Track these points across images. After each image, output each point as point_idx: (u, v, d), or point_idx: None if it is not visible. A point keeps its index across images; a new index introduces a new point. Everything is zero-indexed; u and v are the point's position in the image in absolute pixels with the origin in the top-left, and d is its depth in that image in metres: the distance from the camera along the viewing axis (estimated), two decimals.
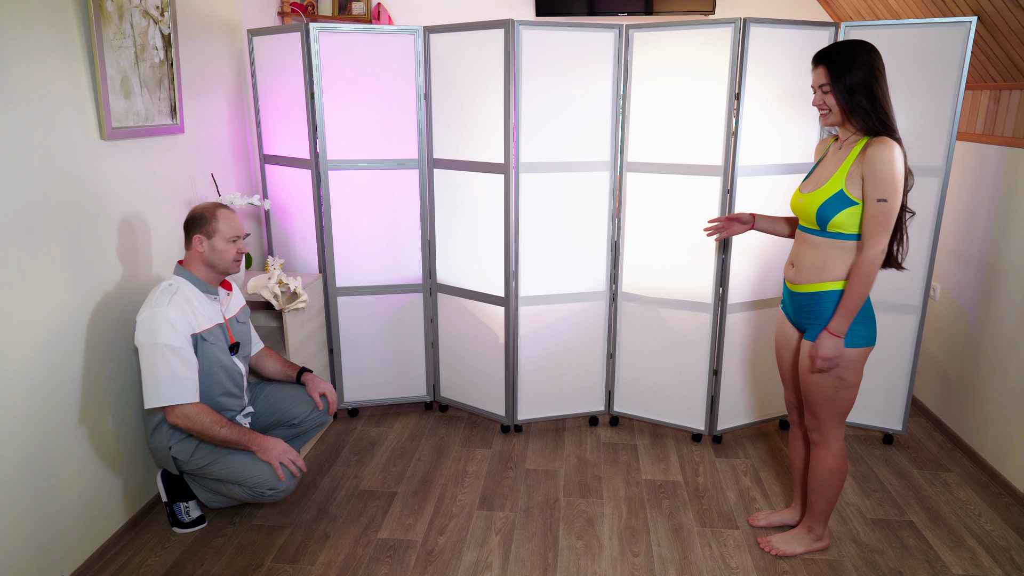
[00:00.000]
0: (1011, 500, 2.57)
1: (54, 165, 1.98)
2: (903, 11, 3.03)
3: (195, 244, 2.16)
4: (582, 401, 3.12)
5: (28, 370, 1.91)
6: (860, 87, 1.84)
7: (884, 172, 1.80)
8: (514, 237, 2.82)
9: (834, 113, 1.91)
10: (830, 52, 1.87)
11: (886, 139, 1.82)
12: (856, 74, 1.84)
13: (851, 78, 1.84)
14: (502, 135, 2.71)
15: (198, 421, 2.10)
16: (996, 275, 2.77)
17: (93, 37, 2.09)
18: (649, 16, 3.72)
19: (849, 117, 1.89)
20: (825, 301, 1.95)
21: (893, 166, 1.80)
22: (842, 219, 1.88)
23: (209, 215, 2.16)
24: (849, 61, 1.84)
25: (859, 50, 1.85)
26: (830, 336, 1.91)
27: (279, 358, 2.56)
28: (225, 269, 2.21)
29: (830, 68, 1.87)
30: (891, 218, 1.83)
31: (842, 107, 1.88)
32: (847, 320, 1.90)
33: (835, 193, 1.88)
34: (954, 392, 3.04)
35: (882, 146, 1.81)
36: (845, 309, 1.89)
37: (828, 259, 1.94)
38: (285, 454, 2.20)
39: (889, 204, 1.81)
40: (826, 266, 1.94)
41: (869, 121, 1.86)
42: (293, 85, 2.87)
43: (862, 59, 1.84)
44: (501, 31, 2.62)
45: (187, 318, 2.10)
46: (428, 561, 2.22)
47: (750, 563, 2.22)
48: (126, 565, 2.18)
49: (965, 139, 3.01)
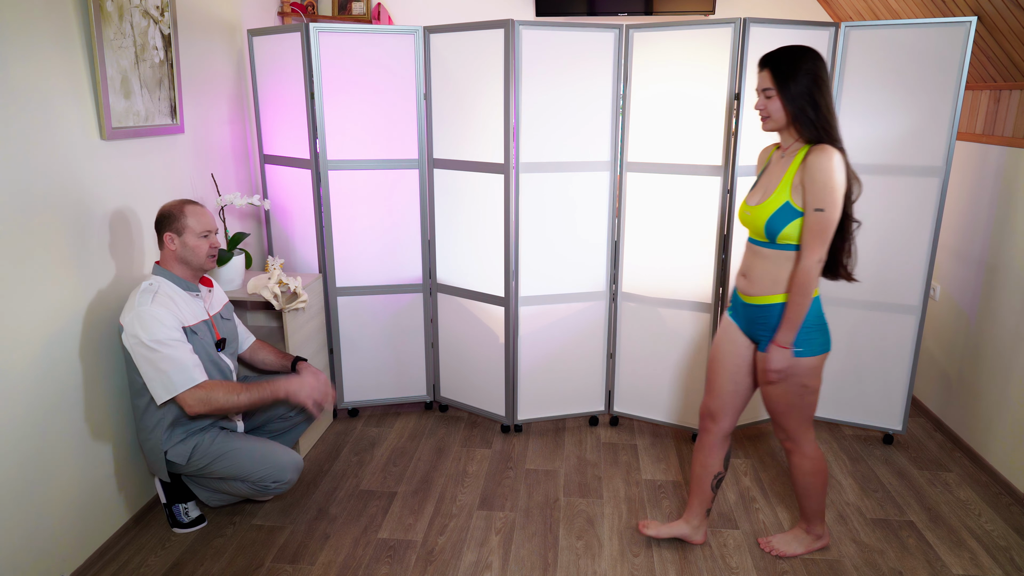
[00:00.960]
0: (1011, 500, 2.57)
1: (54, 165, 1.98)
2: (903, 11, 3.03)
3: (166, 243, 2.15)
4: (582, 401, 3.12)
5: (28, 370, 1.91)
6: (804, 95, 1.82)
7: (823, 181, 1.77)
8: (514, 237, 2.82)
9: (775, 119, 1.88)
10: (776, 57, 1.85)
11: (826, 147, 1.80)
12: (801, 82, 1.82)
13: (796, 86, 1.82)
14: (502, 135, 2.71)
15: (213, 398, 2.09)
16: (996, 275, 2.77)
17: (93, 37, 2.09)
18: (649, 16, 3.72)
19: (792, 124, 1.87)
20: (779, 313, 1.94)
21: (832, 175, 1.77)
22: (791, 230, 1.86)
23: (177, 212, 2.15)
24: (794, 68, 1.82)
25: (805, 57, 1.82)
26: (778, 349, 1.90)
27: (273, 349, 2.57)
28: (200, 265, 2.20)
29: (775, 73, 1.85)
30: (828, 228, 1.80)
31: (786, 114, 1.86)
32: (793, 331, 1.88)
33: (782, 205, 1.86)
34: (954, 392, 3.04)
35: (821, 154, 1.78)
36: (789, 321, 1.87)
37: (780, 271, 1.91)
38: (316, 389, 2.25)
39: (827, 213, 1.79)
40: (779, 278, 1.92)
41: (812, 129, 1.83)
42: (293, 85, 2.87)
43: (807, 67, 1.81)
44: (501, 31, 2.62)
45: (173, 313, 2.10)
46: (428, 561, 2.22)
47: (750, 563, 2.22)
48: (126, 565, 2.18)
49: (965, 139, 3.01)
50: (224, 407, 2.11)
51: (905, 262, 2.78)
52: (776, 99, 1.85)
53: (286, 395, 2.20)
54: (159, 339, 2.03)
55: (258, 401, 2.17)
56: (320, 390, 2.25)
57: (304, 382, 2.24)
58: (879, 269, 2.83)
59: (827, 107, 1.83)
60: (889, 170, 2.73)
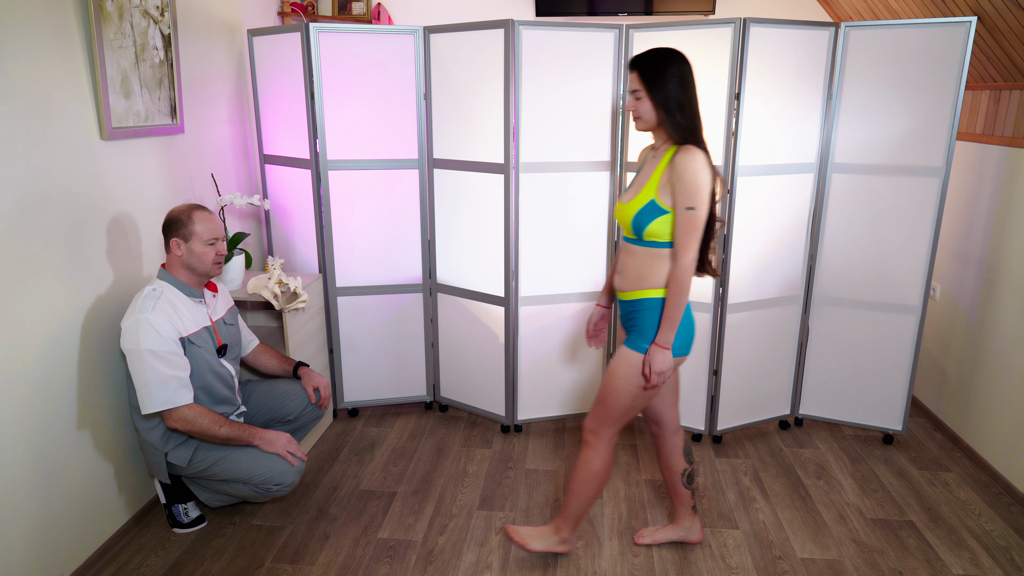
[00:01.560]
0: (1011, 500, 2.57)
1: (54, 165, 1.98)
2: (903, 11, 3.03)
3: (173, 248, 2.14)
4: (582, 401, 3.12)
5: (28, 370, 1.91)
6: (671, 97, 1.85)
7: (690, 181, 1.80)
8: (514, 237, 2.82)
9: (645, 120, 1.91)
10: (643, 60, 1.87)
11: (691, 148, 1.83)
12: (667, 84, 1.84)
13: (662, 88, 1.85)
14: (502, 135, 2.71)
15: (196, 423, 2.10)
16: (996, 275, 2.77)
17: (93, 37, 2.09)
18: (649, 16, 3.72)
19: (660, 126, 1.90)
20: (643, 309, 1.95)
21: (698, 174, 1.80)
22: (656, 228, 1.88)
23: (185, 218, 2.14)
24: (661, 71, 1.85)
25: (671, 61, 1.85)
26: (659, 349, 1.89)
27: (276, 353, 2.57)
28: (205, 272, 2.19)
29: (643, 76, 1.87)
30: (699, 225, 1.83)
31: (656, 115, 1.89)
32: (672, 330, 1.89)
33: (648, 202, 1.88)
34: (954, 392, 3.04)
35: (687, 155, 1.82)
36: (668, 320, 1.88)
37: (646, 267, 1.93)
38: (289, 444, 2.24)
39: (697, 212, 1.82)
40: (644, 274, 1.94)
41: (679, 130, 1.86)
42: (293, 85, 2.87)
43: (672, 70, 1.84)
44: (501, 31, 2.62)
45: (172, 323, 2.09)
46: (428, 561, 2.22)
47: (750, 563, 2.22)
48: (126, 565, 2.18)
49: (965, 139, 3.01)
50: (204, 434, 2.13)
51: (905, 262, 2.78)
52: (646, 100, 1.88)
53: (261, 442, 2.21)
54: (153, 350, 2.03)
55: (235, 440, 2.18)
56: (294, 447, 2.25)
57: (279, 435, 2.24)
58: (879, 269, 2.83)
59: (692, 109, 1.87)
60: (889, 170, 2.73)
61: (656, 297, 1.93)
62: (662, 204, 1.87)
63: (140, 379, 2.05)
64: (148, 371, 2.03)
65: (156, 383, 2.04)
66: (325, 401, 2.53)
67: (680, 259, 1.85)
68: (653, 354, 1.90)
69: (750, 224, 2.74)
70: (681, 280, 1.85)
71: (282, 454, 2.21)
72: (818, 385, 3.05)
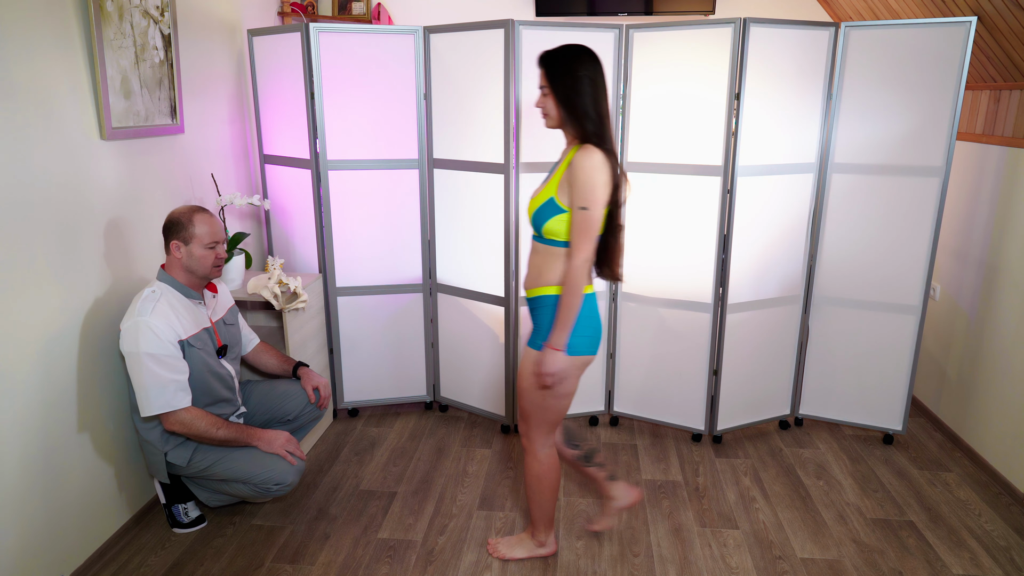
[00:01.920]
0: (1011, 500, 2.58)
1: (54, 165, 1.98)
2: (903, 11, 3.03)
3: (172, 250, 2.13)
4: (582, 401, 3.12)
5: (28, 370, 1.91)
6: (574, 96, 1.82)
7: (584, 180, 1.78)
8: (514, 237, 2.82)
9: (551, 117, 1.88)
10: (550, 56, 1.85)
11: (591, 148, 1.80)
12: (571, 83, 1.81)
13: (566, 86, 1.82)
14: (502, 135, 2.71)
15: (194, 426, 2.10)
16: (996, 275, 2.77)
17: (93, 37, 2.09)
18: (649, 16, 3.72)
19: (565, 123, 1.87)
20: (541, 306, 1.93)
21: (592, 174, 1.77)
22: (553, 226, 1.86)
23: (186, 220, 2.12)
24: (566, 68, 1.82)
25: (578, 59, 1.82)
26: (551, 351, 1.87)
27: (276, 353, 2.57)
28: (205, 275, 2.18)
29: (548, 73, 1.84)
30: (592, 226, 1.81)
31: (558, 112, 1.86)
32: (564, 331, 1.85)
33: (547, 200, 1.86)
34: (954, 392, 3.04)
35: (583, 154, 1.79)
36: (559, 321, 1.85)
37: (545, 265, 1.92)
38: (288, 443, 2.24)
39: (590, 212, 1.79)
40: (543, 271, 1.92)
41: (582, 129, 1.84)
42: (293, 85, 2.87)
43: (578, 68, 1.81)
44: (501, 31, 2.62)
45: (171, 325, 2.08)
46: (428, 561, 2.22)
47: (750, 563, 2.22)
48: (126, 565, 2.18)
49: (965, 139, 3.01)
50: (202, 436, 2.12)
51: (905, 262, 2.78)
52: (551, 97, 1.86)
53: (259, 442, 2.21)
54: (151, 353, 2.02)
55: (233, 441, 2.18)
56: (293, 446, 2.25)
57: (278, 435, 2.24)
58: (879, 269, 2.83)
59: (597, 108, 1.83)
60: (889, 170, 2.73)
61: (553, 295, 1.91)
62: (560, 203, 1.84)
63: (138, 382, 2.05)
64: (146, 375, 2.03)
65: (154, 387, 2.04)
66: (325, 401, 2.53)
67: (572, 259, 1.83)
68: (546, 355, 1.87)
69: (750, 224, 2.74)
70: (572, 281, 1.83)
71: (281, 454, 2.22)
72: (818, 385, 3.05)
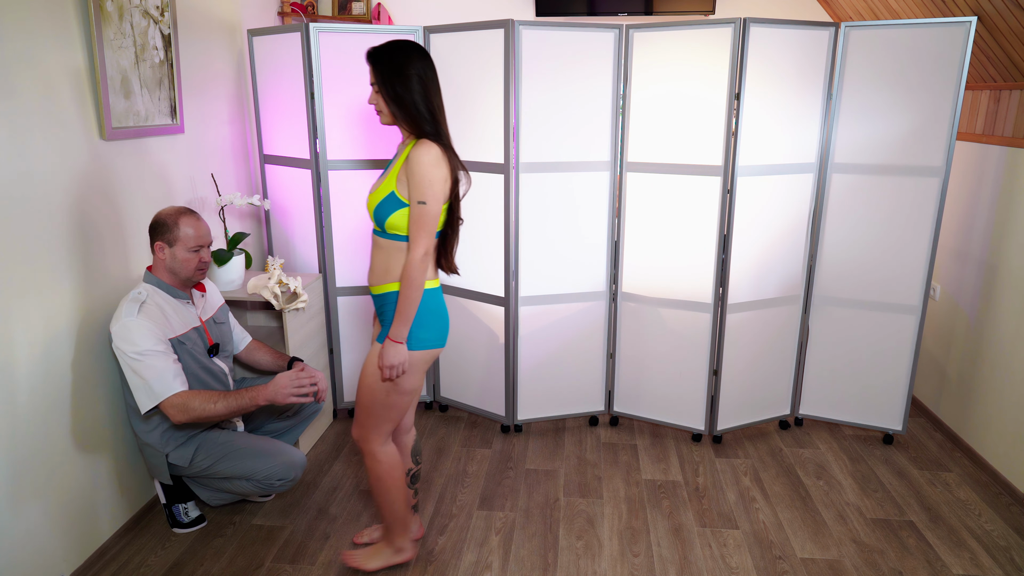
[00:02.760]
0: (1011, 500, 2.58)
1: (54, 165, 1.98)
2: (903, 11, 3.03)
3: (157, 251, 2.12)
4: (582, 401, 3.12)
5: (28, 369, 1.91)
6: (405, 92, 1.81)
7: (420, 175, 1.78)
8: (514, 237, 2.82)
9: (384, 114, 1.87)
10: (378, 52, 1.83)
11: (427, 143, 1.80)
12: (399, 79, 1.80)
13: (394, 82, 1.81)
14: (502, 135, 2.71)
15: (191, 406, 2.05)
16: (996, 275, 2.77)
17: (93, 37, 2.09)
18: (649, 16, 3.72)
19: (398, 120, 1.86)
20: (389, 302, 1.92)
21: (428, 169, 1.78)
22: (396, 220, 1.85)
23: (171, 222, 2.10)
24: (395, 64, 1.81)
25: (405, 55, 1.81)
26: (391, 343, 1.86)
27: (269, 349, 2.56)
28: (187, 278, 2.17)
29: (376, 68, 1.83)
30: (431, 221, 1.81)
31: (390, 110, 1.85)
32: (404, 325, 1.85)
33: (388, 194, 1.85)
34: (954, 392, 3.04)
35: (420, 149, 1.79)
36: (399, 314, 1.84)
37: (390, 260, 1.90)
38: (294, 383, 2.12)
39: (428, 207, 1.79)
40: (389, 268, 1.90)
41: (414, 125, 1.84)
42: (293, 85, 2.87)
43: (406, 66, 1.80)
44: (501, 31, 2.62)
45: (159, 324, 2.07)
46: (428, 561, 2.22)
47: (750, 563, 2.22)
48: (126, 565, 2.18)
49: (965, 139, 3.01)
50: (201, 415, 2.07)
51: (905, 262, 2.79)
52: (380, 94, 1.85)
53: (265, 399, 2.11)
54: (141, 350, 2.01)
55: (236, 409, 2.10)
56: (296, 381, 2.13)
57: (278, 384, 2.12)
58: (879, 269, 2.83)
59: (429, 105, 1.83)
60: (889, 170, 2.73)
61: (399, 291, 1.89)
62: (401, 197, 1.84)
63: (137, 379, 2.04)
64: (145, 369, 2.03)
65: (154, 378, 2.03)
66: (322, 393, 2.51)
67: (410, 252, 1.82)
68: (385, 348, 1.86)
69: (750, 224, 2.74)
70: (410, 274, 1.82)
71: (295, 391, 2.11)
72: (818, 385, 3.05)
